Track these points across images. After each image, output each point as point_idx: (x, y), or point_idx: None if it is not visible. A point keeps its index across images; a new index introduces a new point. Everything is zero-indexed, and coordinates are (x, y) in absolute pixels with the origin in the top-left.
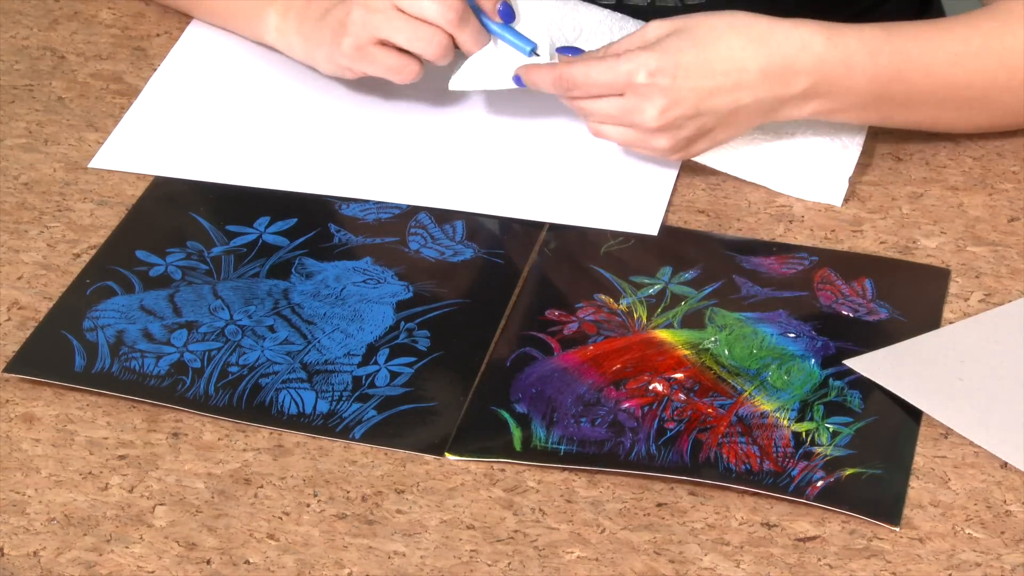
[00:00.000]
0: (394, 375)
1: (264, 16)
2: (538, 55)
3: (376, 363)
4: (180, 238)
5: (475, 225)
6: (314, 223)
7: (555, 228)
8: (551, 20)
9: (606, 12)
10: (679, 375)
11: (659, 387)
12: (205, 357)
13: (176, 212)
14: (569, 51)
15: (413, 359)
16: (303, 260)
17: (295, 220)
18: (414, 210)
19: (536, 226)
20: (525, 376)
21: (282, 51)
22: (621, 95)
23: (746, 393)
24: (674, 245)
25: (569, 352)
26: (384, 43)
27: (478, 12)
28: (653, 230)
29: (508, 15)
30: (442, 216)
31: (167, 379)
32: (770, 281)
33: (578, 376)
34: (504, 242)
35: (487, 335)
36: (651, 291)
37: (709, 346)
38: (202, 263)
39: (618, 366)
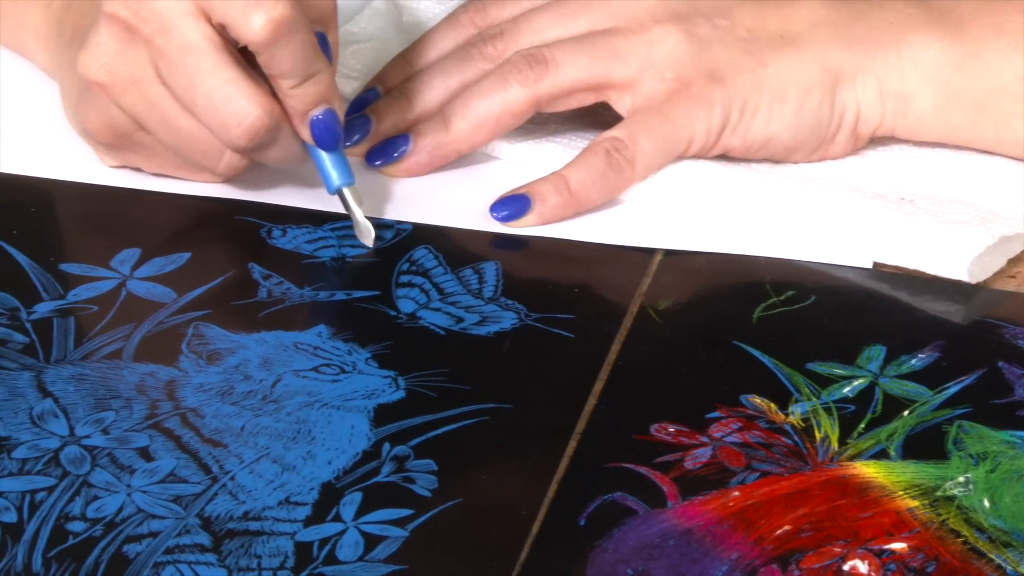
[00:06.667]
0: (372, 541)
1: (24, 15)
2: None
3: (340, 519)
4: None
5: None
6: (223, 261)
7: (668, 272)
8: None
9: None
10: (900, 545)
11: (863, 567)
12: (25, 504)
13: None
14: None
15: (407, 512)
16: (202, 328)
17: (187, 255)
18: (408, 241)
19: (636, 267)
20: (615, 544)
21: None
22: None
23: None
24: (889, 303)
25: (695, 501)
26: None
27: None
28: (867, 262)
29: (327, 139)
30: (459, 252)
31: None
32: None
33: (713, 545)
34: (577, 298)
35: (544, 469)
36: (847, 390)
37: (955, 492)
38: (18, 332)
39: (787, 527)
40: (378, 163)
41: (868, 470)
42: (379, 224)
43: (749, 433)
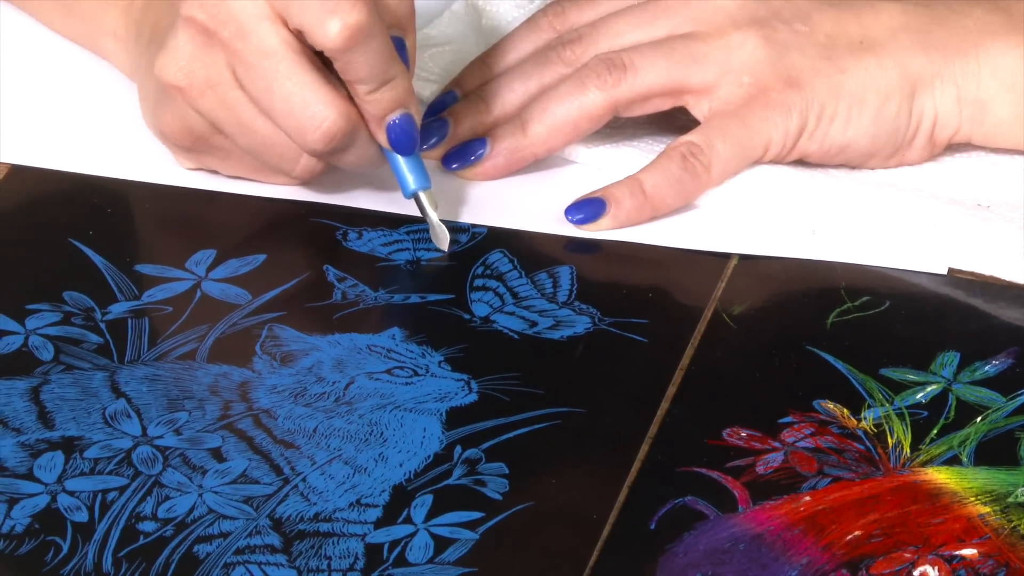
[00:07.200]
0: (442, 543)
1: (103, 16)
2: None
3: (410, 521)
4: (52, 285)
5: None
6: (298, 263)
7: (743, 277)
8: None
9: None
10: (970, 551)
11: (933, 572)
12: (97, 504)
13: (46, 237)
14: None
15: (478, 515)
16: (276, 330)
17: (262, 257)
18: (483, 244)
19: (711, 271)
20: (685, 548)
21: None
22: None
23: None
24: (963, 309)
25: (767, 506)
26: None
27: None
28: (942, 268)
29: (403, 143)
30: (533, 256)
31: (26, 543)
32: None
33: (783, 549)
34: (651, 302)
35: (616, 473)
36: (920, 396)
37: None
38: (92, 332)
39: (858, 533)
40: (455, 166)
41: (940, 476)
42: (454, 227)
43: (821, 438)
